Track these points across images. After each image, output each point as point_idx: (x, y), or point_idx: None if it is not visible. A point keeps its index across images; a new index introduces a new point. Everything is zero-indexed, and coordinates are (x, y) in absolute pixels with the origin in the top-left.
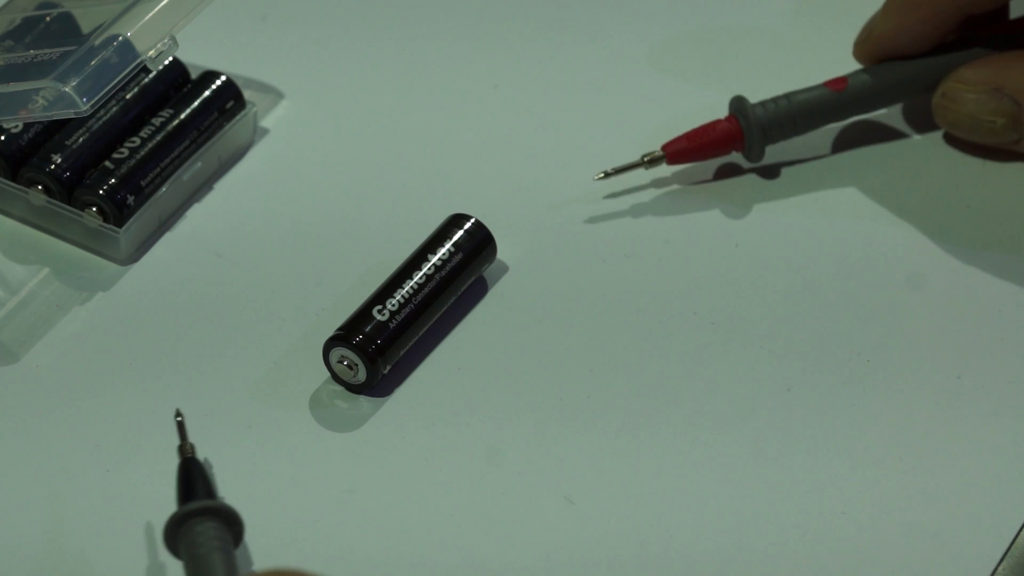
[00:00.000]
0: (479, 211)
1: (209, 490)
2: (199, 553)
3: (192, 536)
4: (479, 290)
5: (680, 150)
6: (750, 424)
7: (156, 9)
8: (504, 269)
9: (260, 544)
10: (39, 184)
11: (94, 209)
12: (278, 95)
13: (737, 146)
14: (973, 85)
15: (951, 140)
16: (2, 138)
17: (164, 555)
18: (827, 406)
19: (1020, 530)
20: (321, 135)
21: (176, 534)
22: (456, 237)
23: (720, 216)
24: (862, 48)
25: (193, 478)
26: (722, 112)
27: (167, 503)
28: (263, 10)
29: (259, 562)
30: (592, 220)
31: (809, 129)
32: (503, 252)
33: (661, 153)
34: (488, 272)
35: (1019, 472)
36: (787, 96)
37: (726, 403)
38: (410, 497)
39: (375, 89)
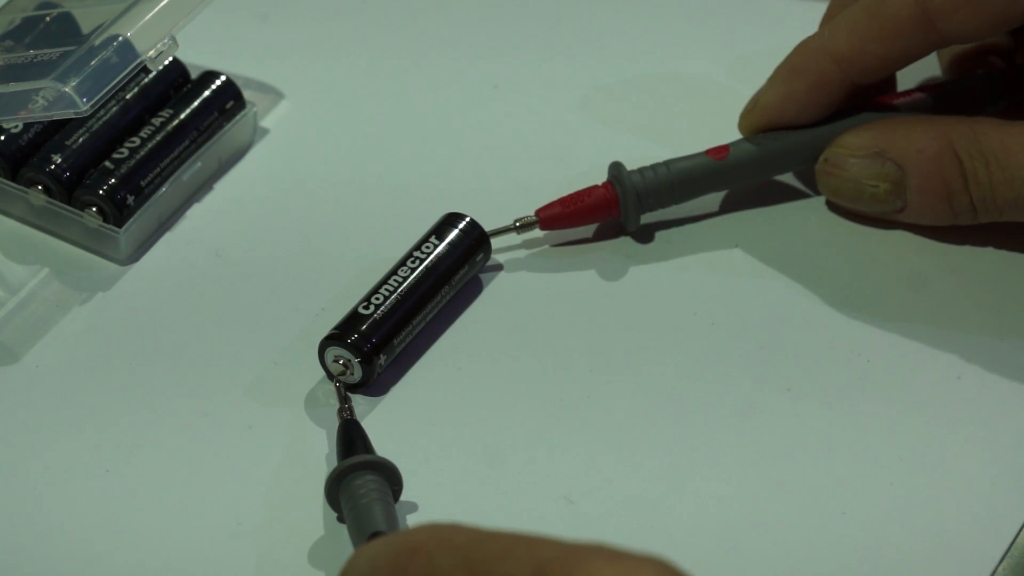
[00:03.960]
0: (479, 210)
1: (368, 448)
2: (361, 504)
3: (352, 489)
4: (474, 289)
5: (554, 216)
6: (750, 424)
7: (156, 9)
8: (500, 268)
9: (266, 544)
10: (39, 184)
11: (94, 209)
12: (278, 95)
13: (612, 213)
14: (856, 150)
15: (836, 209)
16: (2, 138)
17: (164, 555)
18: (827, 406)
19: (1020, 530)
20: (321, 135)
21: (337, 488)
22: (448, 235)
23: (720, 217)
24: (747, 119)
25: (353, 437)
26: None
27: (167, 503)
28: (263, 10)
29: (259, 560)
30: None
31: (688, 198)
32: (501, 252)
33: (534, 218)
34: (484, 272)
35: (1019, 472)
36: (666, 163)
37: (726, 403)
38: (409, 497)
39: (375, 89)
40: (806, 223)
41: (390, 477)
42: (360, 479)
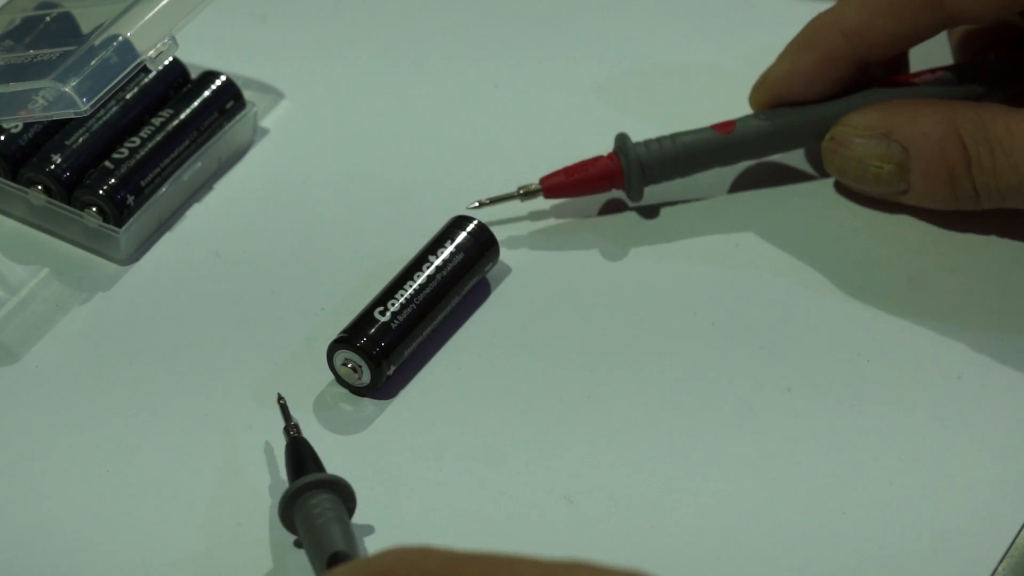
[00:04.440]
0: (480, 212)
1: (319, 466)
2: (317, 524)
3: (307, 509)
4: (482, 292)
5: (558, 184)
6: (750, 424)
7: (156, 9)
8: (507, 271)
9: (265, 544)
10: (39, 184)
11: (94, 209)
12: (278, 95)
13: (617, 184)
14: (862, 130)
15: (842, 190)
16: (2, 138)
17: (164, 555)
18: (827, 406)
19: (1020, 530)
20: (321, 135)
21: (291, 509)
22: (459, 239)
23: (721, 217)
24: (756, 93)
25: (303, 455)
26: None
27: (167, 503)
28: (263, 10)
29: (258, 560)
30: (593, 221)
31: (693, 171)
32: (506, 254)
33: (538, 186)
34: (491, 274)
35: (1019, 472)
36: (672, 137)
37: (726, 403)
38: (412, 498)
39: (375, 89)
40: (807, 225)
41: (343, 495)
42: (314, 498)
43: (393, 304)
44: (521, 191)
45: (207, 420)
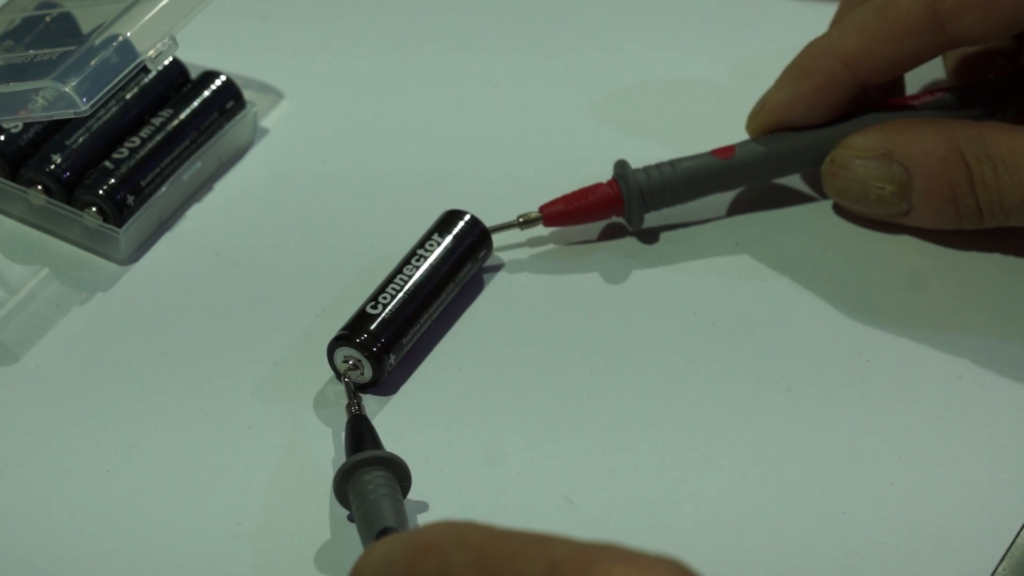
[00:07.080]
0: (479, 210)
1: (377, 444)
2: (369, 499)
3: (361, 484)
4: (477, 288)
5: (557, 212)
6: (750, 424)
7: (156, 9)
8: (509, 271)
9: (266, 545)
10: (39, 184)
11: (94, 209)
12: (278, 95)
13: (617, 211)
14: (862, 151)
15: (841, 212)
16: (2, 138)
17: (164, 555)
18: (827, 406)
19: (1020, 530)
20: (321, 135)
21: (346, 484)
22: (450, 231)
23: (720, 217)
24: (755, 120)
25: (362, 432)
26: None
27: (167, 503)
28: (263, 10)
29: (259, 560)
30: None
31: (693, 197)
32: (501, 252)
33: (538, 215)
34: (492, 275)
35: (1019, 472)
36: (671, 163)
37: (726, 403)
38: (411, 497)
39: (375, 89)
40: (807, 224)
41: (399, 473)
42: (369, 474)
43: (384, 297)
44: (521, 219)
45: (207, 420)
